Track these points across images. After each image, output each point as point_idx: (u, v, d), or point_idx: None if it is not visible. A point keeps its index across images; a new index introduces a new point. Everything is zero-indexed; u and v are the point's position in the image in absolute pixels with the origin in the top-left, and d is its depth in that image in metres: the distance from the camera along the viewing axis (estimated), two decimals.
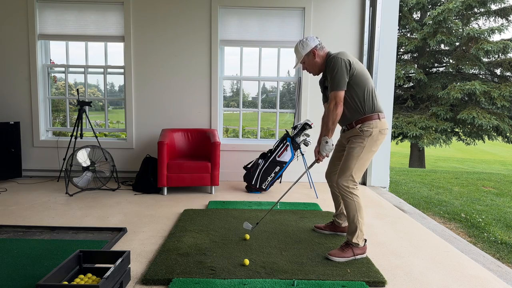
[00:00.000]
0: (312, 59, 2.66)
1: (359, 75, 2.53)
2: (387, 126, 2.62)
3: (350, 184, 2.56)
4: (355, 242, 2.55)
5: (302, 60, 2.71)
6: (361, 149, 2.55)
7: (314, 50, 2.64)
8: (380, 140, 2.59)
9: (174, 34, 5.01)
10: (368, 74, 2.61)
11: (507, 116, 11.64)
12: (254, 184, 4.48)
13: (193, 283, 2.17)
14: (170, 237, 2.88)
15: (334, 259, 2.52)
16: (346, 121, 2.65)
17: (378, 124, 2.56)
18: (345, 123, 2.68)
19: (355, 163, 2.55)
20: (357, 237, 2.55)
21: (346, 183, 2.56)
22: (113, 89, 5.64)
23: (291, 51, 5.25)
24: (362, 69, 2.57)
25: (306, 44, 2.65)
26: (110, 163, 4.54)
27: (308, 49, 2.65)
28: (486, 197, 6.05)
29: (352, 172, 2.55)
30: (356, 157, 2.55)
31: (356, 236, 2.55)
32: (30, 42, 4.97)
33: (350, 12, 4.99)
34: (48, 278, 1.83)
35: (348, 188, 2.56)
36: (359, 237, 2.55)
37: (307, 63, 2.71)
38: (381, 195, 4.58)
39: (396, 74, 11.84)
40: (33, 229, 3.06)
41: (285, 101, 5.83)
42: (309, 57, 2.67)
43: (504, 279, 2.43)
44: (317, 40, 2.67)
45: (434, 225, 3.62)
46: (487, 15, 12.58)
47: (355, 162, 2.55)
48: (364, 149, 2.56)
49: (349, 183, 2.56)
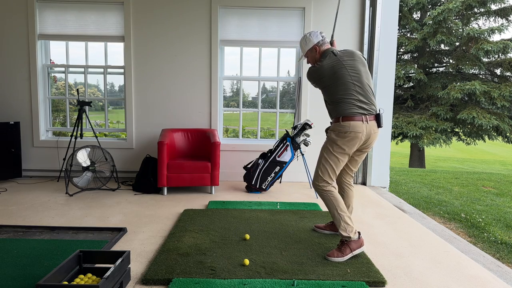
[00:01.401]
0: (314, 54, 2.75)
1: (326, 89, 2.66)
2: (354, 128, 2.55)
3: (320, 182, 2.70)
4: (346, 236, 2.56)
5: (306, 55, 2.79)
6: (323, 149, 2.72)
7: (315, 46, 2.72)
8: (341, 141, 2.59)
9: (174, 34, 5.01)
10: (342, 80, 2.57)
11: (507, 116, 11.64)
12: (254, 184, 4.48)
13: (193, 283, 2.17)
14: (170, 237, 2.88)
15: (333, 260, 2.52)
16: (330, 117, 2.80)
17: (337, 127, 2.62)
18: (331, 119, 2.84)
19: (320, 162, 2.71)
20: (346, 230, 2.57)
21: (316, 181, 2.71)
22: (113, 89, 5.64)
23: (291, 51, 5.25)
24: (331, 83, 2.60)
25: (309, 40, 2.73)
26: (110, 163, 4.54)
27: (311, 45, 2.73)
28: (486, 197, 6.04)
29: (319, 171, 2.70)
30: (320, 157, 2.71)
31: (344, 229, 2.57)
32: (30, 42, 4.97)
33: (350, 12, 4.99)
34: (48, 278, 1.83)
35: (319, 186, 2.69)
36: (348, 230, 2.57)
37: (310, 57, 2.80)
38: (381, 195, 4.58)
39: (396, 74, 11.84)
40: (33, 229, 3.06)
41: (285, 101, 5.83)
42: (311, 53, 2.75)
43: (504, 279, 2.43)
44: (320, 36, 2.73)
45: (434, 225, 3.62)
46: (487, 15, 12.58)
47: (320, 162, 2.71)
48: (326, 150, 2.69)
49: (318, 181, 2.69)
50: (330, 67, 2.59)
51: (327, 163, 2.66)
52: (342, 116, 2.59)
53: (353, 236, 2.57)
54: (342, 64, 2.58)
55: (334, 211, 2.62)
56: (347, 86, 2.57)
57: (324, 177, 2.66)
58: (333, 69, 2.58)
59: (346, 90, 2.57)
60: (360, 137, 2.57)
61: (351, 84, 2.57)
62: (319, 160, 2.71)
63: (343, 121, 2.58)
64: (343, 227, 2.57)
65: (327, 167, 2.66)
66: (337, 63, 2.59)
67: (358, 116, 2.57)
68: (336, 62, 2.59)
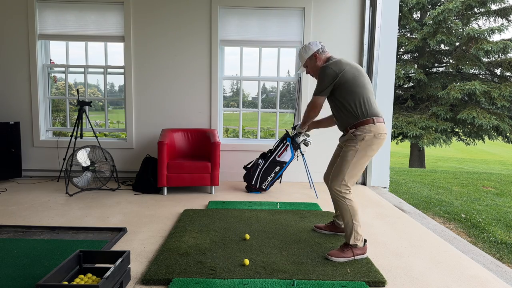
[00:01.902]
0: (314, 63, 2.73)
1: (351, 83, 2.54)
2: (384, 130, 2.57)
3: (343, 189, 2.57)
4: (353, 244, 2.56)
5: (305, 64, 2.78)
6: (354, 153, 2.55)
7: (315, 54, 2.71)
8: (375, 144, 2.56)
9: (174, 34, 5.01)
10: (364, 80, 2.59)
11: (507, 116, 11.64)
12: (254, 184, 4.48)
13: (193, 283, 2.17)
14: (170, 237, 2.88)
15: (334, 259, 2.52)
16: (342, 126, 2.69)
17: (372, 129, 2.53)
18: (342, 128, 2.72)
19: (347, 167, 2.55)
20: (354, 238, 2.55)
21: (339, 187, 2.58)
22: (113, 89, 5.64)
23: (291, 51, 5.25)
24: (356, 77, 2.55)
25: (309, 48, 2.73)
26: (110, 163, 4.54)
27: (310, 53, 2.72)
28: (486, 197, 6.04)
29: (345, 176, 2.56)
30: (348, 161, 2.55)
31: (353, 238, 2.55)
32: (30, 42, 4.97)
33: (350, 12, 4.99)
34: (48, 278, 1.83)
35: (340, 192, 2.57)
36: (356, 239, 2.56)
37: (309, 67, 2.78)
38: (381, 195, 4.58)
39: (396, 74, 11.84)
40: (33, 229, 3.06)
41: (285, 101, 5.83)
42: (311, 61, 2.74)
43: (504, 279, 2.43)
44: (320, 44, 2.74)
45: (434, 225, 3.62)
46: (487, 15, 12.58)
47: (348, 166, 2.55)
48: (357, 154, 2.54)
49: (341, 187, 2.57)
50: (349, 62, 2.59)
51: (355, 168, 2.56)
52: (374, 116, 2.54)
53: (360, 244, 2.57)
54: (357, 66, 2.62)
55: (349, 220, 2.56)
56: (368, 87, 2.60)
57: (348, 183, 2.56)
58: (353, 64, 2.60)
59: (370, 88, 2.60)
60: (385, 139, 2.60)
61: (369, 86, 2.61)
62: (345, 164, 2.56)
63: (377, 123, 2.54)
64: (354, 236, 2.56)
65: (355, 172, 2.57)
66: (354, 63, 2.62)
67: (382, 118, 2.61)
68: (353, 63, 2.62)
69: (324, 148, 5.08)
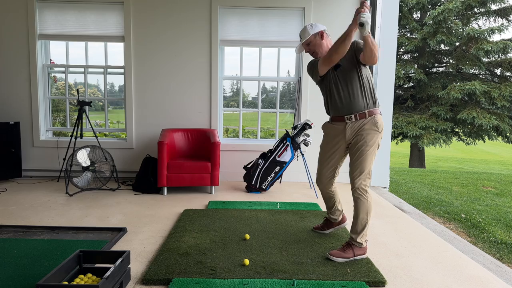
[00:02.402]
0: (319, 40, 2.67)
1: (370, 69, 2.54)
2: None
3: (368, 183, 2.52)
4: (358, 242, 2.53)
5: (308, 40, 2.68)
6: (377, 145, 2.50)
7: (322, 31, 2.68)
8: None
9: (174, 34, 5.01)
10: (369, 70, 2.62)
11: (507, 116, 11.64)
12: (254, 184, 4.48)
13: (193, 283, 2.17)
14: (170, 237, 2.88)
15: (335, 259, 2.51)
16: (355, 107, 2.50)
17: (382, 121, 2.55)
18: (354, 110, 2.51)
19: (370, 161, 2.49)
20: (362, 236, 2.54)
21: (365, 182, 2.50)
22: (113, 89, 5.64)
23: (291, 51, 5.25)
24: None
25: (316, 26, 2.69)
26: (110, 163, 4.54)
27: (317, 30, 2.68)
28: (486, 197, 6.04)
29: (370, 170, 2.51)
30: (373, 154, 2.49)
31: (361, 236, 2.53)
32: (30, 42, 4.97)
33: (350, 12, 4.99)
34: (48, 278, 1.83)
35: (366, 187, 2.50)
36: (363, 237, 2.54)
37: (313, 44, 2.69)
38: (381, 195, 4.58)
39: (396, 74, 11.84)
40: (33, 229, 3.06)
41: (285, 101, 5.83)
42: (316, 38, 2.68)
43: (504, 279, 2.43)
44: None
45: (434, 225, 3.62)
46: (487, 15, 12.58)
47: (372, 158, 2.49)
48: (378, 145, 2.52)
49: (367, 181, 2.51)
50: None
51: (372, 161, 2.48)
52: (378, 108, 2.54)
53: (364, 244, 2.56)
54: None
55: (365, 216, 2.50)
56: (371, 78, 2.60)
57: (370, 177, 2.49)
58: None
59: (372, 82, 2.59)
60: None
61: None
62: (367, 158, 2.45)
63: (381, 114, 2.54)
64: (363, 234, 2.53)
65: (371, 165, 2.50)
66: None
67: None
68: None
69: None
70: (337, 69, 2.58)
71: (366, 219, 2.52)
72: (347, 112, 2.54)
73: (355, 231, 2.55)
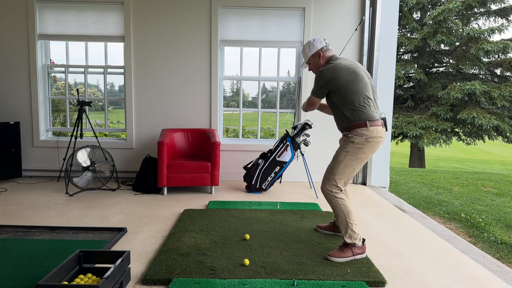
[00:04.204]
0: (317, 60, 2.71)
1: (344, 90, 2.53)
2: (378, 134, 2.55)
3: (333, 189, 2.60)
4: (351, 243, 2.56)
5: (308, 61, 2.77)
6: (345, 154, 2.58)
7: (319, 52, 2.69)
8: (368, 147, 2.54)
9: (174, 34, 5.01)
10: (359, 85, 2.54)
11: (507, 116, 11.64)
12: (254, 184, 4.48)
13: (193, 283, 2.17)
14: (170, 237, 2.88)
15: (334, 260, 2.52)
16: (339, 126, 2.73)
17: (364, 132, 2.52)
18: (339, 128, 2.74)
19: (337, 167, 2.58)
20: (351, 237, 2.56)
21: (329, 187, 2.61)
22: (113, 89, 5.64)
23: (291, 51, 5.25)
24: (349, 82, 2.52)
25: (313, 46, 2.71)
26: (110, 163, 4.54)
27: (314, 51, 2.70)
28: (486, 197, 6.04)
29: (335, 176, 2.58)
30: (339, 162, 2.59)
31: (350, 236, 2.56)
32: (30, 42, 4.97)
33: (350, 12, 4.99)
34: (48, 278, 1.83)
35: (331, 192, 2.61)
36: (353, 238, 2.56)
37: (312, 64, 2.76)
38: (381, 195, 4.58)
39: (396, 74, 11.84)
40: (33, 229, 3.06)
41: (285, 101, 5.83)
42: (314, 58, 2.72)
43: (504, 279, 2.43)
44: (324, 42, 2.71)
45: (434, 225, 3.62)
46: (487, 15, 12.58)
47: (338, 167, 2.58)
48: (348, 155, 2.56)
49: (331, 187, 2.60)
50: (347, 67, 2.54)
51: (346, 169, 2.58)
52: (368, 120, 2.53)
53: (358, 242, 2.57)
54: (360, 67, 2.60)
55: (343, 219, 2.59)
56: (367, 89, 2.57)
57: (338, 184, 2.59)
58: (351, 69, 2.54)
59: (366, 93, 2.56)
60: (382, 142, 2.59)
61: (370, 88, 2.60)
62: (335, 165, 2.59)
63: (370, 126, 2.52)
64: (349, 234, 2.57)
65: (346, 173, 2.59)
66: (355, 65, 2.59)
67: (379, 121, 2.57)
68: (355, 65, 2.59)
69: (324, 148, 5.08)
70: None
71: (345, 219, 2.58)
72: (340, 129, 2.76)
73: (343, 234, 2.62)
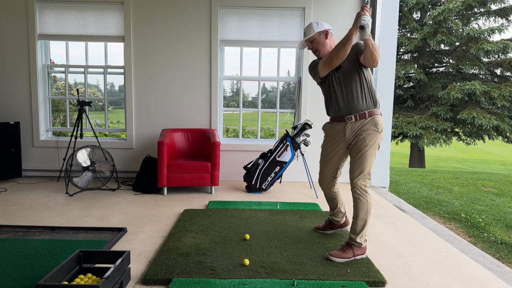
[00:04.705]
0: (323, 39, 2.66)
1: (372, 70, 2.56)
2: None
3: (367, 184, 2.53)
4: (358, 242, 2.53)
5: (312, 38, 2.67)
6: (377, 145, 2.52)
7: (327, 30, 2.66)
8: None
9: (174, 34, 5.01)
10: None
11: (507, 116, 11.65)
12: (254, 184, 4.48)
13: (193, 283, 2.17)
14: (170, 237, 2.88)
15: (335, 260, 2.50)
16: (355, 108, 2.52)
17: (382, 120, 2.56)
18: (354, 111, 2.53)
19: (372, 161, 2.52)
20: (362, 236, 2.54)
21: (364, 182, 2.51)
22: (113, 89, 5.64)
23: (291, 51, 5.25)
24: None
25: (321, 24, 2.67)
26: (110, 163, 4.54)
27: (322, 28, 2.65)
28: (486, 197, 6.04)
29: (371, 169, 2.53)
30: (373, 155, 2.51)
31: (361, 236, 2.53)
32: (30, 42, 4.97)
33: (350, 12, 4.99)
34: (48, 278, 1.83)
35: (365, 187, 2.51)
36: (363, 238, 2.54)
37: (316, 42, 2.67)
38: (381, 195, 4.58)
39: (396, 74, 11.84)
40: (33, 229, 3.06)
41: (285, 101, 5.83)
42: (320, 36, 2.66)
43: (504, 279, 2.43)
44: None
45: (434, 225, 3.62)
46: (487, 15, 12.58)
47: (373, 158, 2.51)
48: (378, 146, 2.54)
49: (367, 182, 2.53)
50: None
51: (372, 161, 2.51)
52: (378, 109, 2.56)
53: (364, 244, 2.56)
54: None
55: (364, 216, 2.51)
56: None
57: (370, 177, 2.52)
58: None
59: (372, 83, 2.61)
60: None
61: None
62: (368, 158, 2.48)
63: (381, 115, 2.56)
64: (362, 233, 2.53)
65: (371, 166, 2.52)
66: None
67: None
68: None
69: None
70: (338, 70, 2.59)
71: (366, 219, 2.52)
72: (347, 113, 2.56)
73: (354, 231, 2.55)
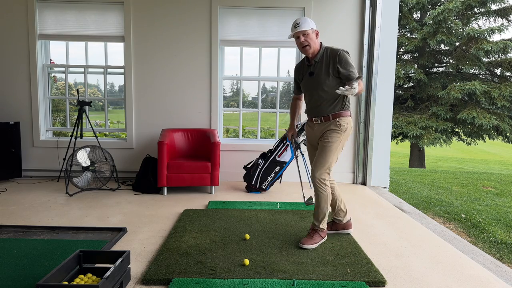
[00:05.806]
0: (314, 37, 2.76)
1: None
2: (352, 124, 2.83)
3: (326, 177, 2.74)
4: (321, 227, 2.79)
5: (307, 32, 2.71)
6: (338, 143, 2.72)
7: (317, 31, 2.79)
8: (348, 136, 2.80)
9: (174, 34, 5.01)
10: None
11: (507, 116, 11.65)
12: (254, 184, 4.48)
13: (193, 283, 2.17)
14: (170, 237, 2.88)
15: (308, 247, 2.69)
16: (323, 112, 2.77)
17: (350, 121, 2.77)
18: (321, 114, 2.78)
19: (331, 156, 2.71)
20: (323, 223, 2.80)
21: (323, 176, 2.72)
22: (113, 89, 5.64)
23: (291, 51, 5.25)
24: None
25: (312, 22, 2.77)
26: (110, 163, 4.54)
27: (315, 27, 2.78)
28: (486, 197, 6.05)
29: (330, 165, 2.72)
30: (334, 151, 2.71)
31: (323, 222, 2.79)
32: (30, 42, 4.97)
33: (350, 12, 4.99)
34: (48, 278, 1.83)
35: (324, 181, 2.73)
36: (324, 223, 2.80)
37: (309, 37, 2.72)
38: (381, 195, 4.58)
39: (396, 74, 11.84)
40: (33, 229, 3.06)
41: (285, 101, 5.83)
42: (313, 33, 2.76)
43: (504, 279, 2.43)
44: None
45: (434, 225, 3.62)
46: (487, 15, 12.59)
47: (331, 155, 2.71)
48: (340, 144, 2.73)
49: (326, 176, 2.73)
50: None
51: (335, 157, 2.74)
52: (348, 110, 2.76)
53: (324, 227, 2.81)
54: None
55: (324, 206, 2.76)
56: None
57: (329, 172, 2.74)
58: None
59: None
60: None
61: None
62: (329, 153, 2.70)
63: (349, 116, 2.77)
64: (324, 220, 2.80)
65: (333, 161, 2.74)
66: None
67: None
68: None
69: None
70: (311, 76, 2.80)
71: (326, 207, 2.77)
72: (315, 115, 2.84)
73: (317, 219, 2.80)
